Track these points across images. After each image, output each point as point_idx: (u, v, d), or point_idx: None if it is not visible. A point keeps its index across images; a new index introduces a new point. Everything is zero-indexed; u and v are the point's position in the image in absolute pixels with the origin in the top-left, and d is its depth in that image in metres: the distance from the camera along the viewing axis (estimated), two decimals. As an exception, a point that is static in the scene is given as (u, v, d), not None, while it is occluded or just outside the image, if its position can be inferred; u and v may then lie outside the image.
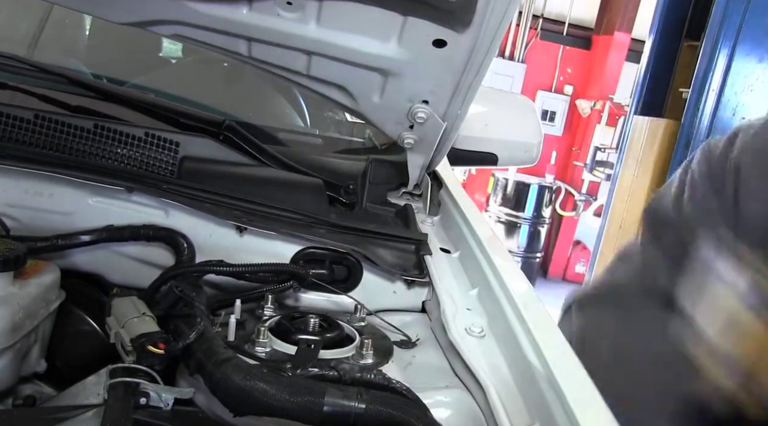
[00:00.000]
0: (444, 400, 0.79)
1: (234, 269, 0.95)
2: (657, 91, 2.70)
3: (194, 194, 1.08)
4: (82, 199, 1.05)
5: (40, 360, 0.92)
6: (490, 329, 0.90)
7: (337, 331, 0.89)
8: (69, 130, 1.19)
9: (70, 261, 1.02)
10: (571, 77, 7.18)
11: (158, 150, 1.23)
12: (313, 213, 1.12)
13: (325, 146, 1.75)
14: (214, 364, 0.72)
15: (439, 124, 1.26)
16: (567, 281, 6.93)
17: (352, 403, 0.67)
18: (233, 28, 1.16)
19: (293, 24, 1.12)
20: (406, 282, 1.06)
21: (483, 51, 1.10)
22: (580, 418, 0.64)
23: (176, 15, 1.16)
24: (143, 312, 0.81)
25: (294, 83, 1.29)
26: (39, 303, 0.88)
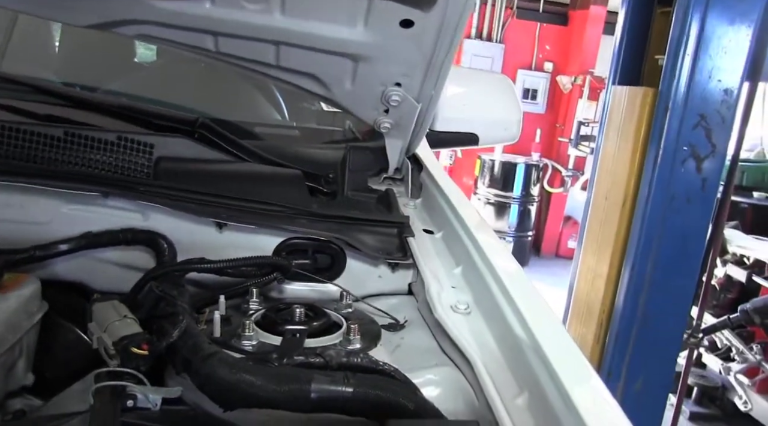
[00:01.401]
0: (433, 378, 0.79)
1: (215, 266, 0.94)
2: (633, 61, 2.70)
3: (172, 194, 1.07)
4: (57, 208, 1.03)
5: (27, 373, 0.91)
6: (476, 305, 0.90)
7: (324, 319, 0.88)
8: (39, 139, 1.17)
9: (51, 271, 1.01)
10: (550, 54, 7.18)
11: (132, 153, 1.21)
12: (294, 204, 1.12)
13: (303, 138, 1.74)
14: (199, 360, 0.71)
15: (414, 106, 1.25)
16: (560, 257, 6.96)
17: (339, 388, 0.67)
18: (198, 24, 1.15)
19: (258, 15, 1.11)
20: (391, 265, 1.06)
21: (451, 28, 1.09)
22: (567, 384, 0.64)
23: (139, 14, 1.14)
24: (124, 315, 0.80)
25: (265, 76, 1.28)
26: (20, 316, 0.87)
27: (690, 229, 2.50)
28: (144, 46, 2.59)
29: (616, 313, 2.66)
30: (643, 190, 2.52)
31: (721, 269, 3.80)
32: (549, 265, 6.78)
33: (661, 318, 2.58)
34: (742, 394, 3.52)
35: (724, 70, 2.32)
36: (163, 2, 1.10)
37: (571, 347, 0.74)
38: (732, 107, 2.37)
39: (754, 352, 3.51)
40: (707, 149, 2.40)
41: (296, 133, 1.80)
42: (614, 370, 2.66)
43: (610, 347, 2.68)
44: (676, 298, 2.58)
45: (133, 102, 1.54)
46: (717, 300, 3.83)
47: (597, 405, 0.64)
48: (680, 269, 2.54)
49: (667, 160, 2.41)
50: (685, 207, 2.45)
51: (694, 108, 2.36)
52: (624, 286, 2.60)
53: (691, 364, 3.03)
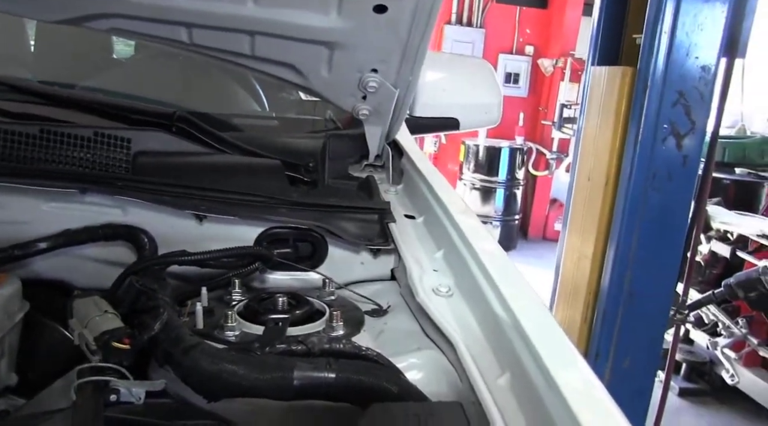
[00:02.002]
0: (416, 362, 0.79)
1: (196, 258, 0.94)
2: (612, 40, 2.71)
3: (150, 188, 1.06)
4: (35, 206, 1.02)
5: (10, 373, 0.91)
6: (458, 288, 0.90)
7: (306, 307, 0.88)
8: (14, 137, 1.16)
9: (31, 270, 1.00)
10: (530, 38, 7.18)
11: (110, 148, 1.20)
12: (274, 194, 1.11)
13: (283, 128, 1.74)
14: (181, 352, 0.71)
15: (391, 92, 1.25)
16: (547, 240, 7.00)
17: (322, 374, 0.67)
18: (171, 16, 1.13)
19: (231, 5, 1.10)
20: (372, 252, 1.06)
21: (425, 12, 1.09)
22: (548, 364, 0.64)
23: (110, 8, 1.13)
24: (105, 310, 0.80)
25: (242, 66, 1.27)
26: (1, 315, 0.86)
27: (672, 206, 2.52)
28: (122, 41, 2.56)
29: (602, 293, 2.68)
30: (624, 170, 2.54)
31: (706, 246, 3.85)
32: (536, 247, 6.82)
33: (646, 296, 2.61)
34: (729, 368, 3.57)
35: (700, 46, 2.34)
36: (133, -6, 1.09)
37: (552, 327, 0.74)
38: (710, 83, 2.39)
39: (739, 326, 3.56)
40: (687, 126, 2.42)
41: (276, 123, 1.79)
42: (602, 350, 2.69)
43: (598, 327, 2.71)
44: (661, 275, 2.61)
45: (109, 97, 1.53)
46: (702, 276, 3.88)
47: (578, 383, 0.65)
48: (664, 247, 2.57)
49: (647, 138, 2.42)
50: (667, 184, 2.47)
51: (672, 85, 2.37)
52: (609, 266, 2.63)
53: (678, 340, 3.07)
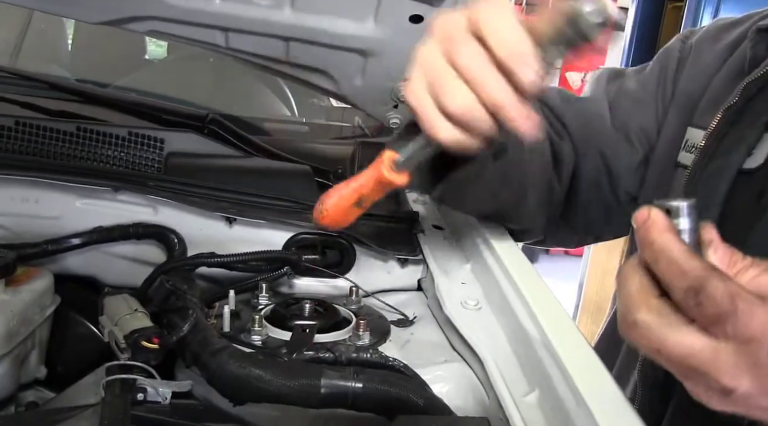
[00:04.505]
0: (443, 374, 0.79)
1: (225, 260, 0.95)
2: (644, 56, 2.68)
3: (181, 189, 1.08)
4: (69, 203, 1.04)
5: (40, 366, 0.92)
6: (486, 301, 0.89)
7: (333, 314, 0.88)
8: (52, 134, 1.18)
9: (63, 265, 1.02)
10: (559, 50, 7.14)
11: (143, 148, 1.22)
12: (303, 199, 1.12)
13: (313, 134, 1.75)
14: (208, 354, 0.71)
15: (423, 102, 1.25)
16: (569, 255, 6.93)
17: (349, 383, 0.67)
18: (208, 20, 1.15)
19: (268, 10, 1.11)
20: (400, 261, 1.06)
21: (461, 23, 1.09)
22: (578, 382, 0.63)
23: (150, 11, 1.15)
24: (135, 308, 0.81)
25: (275, 71, 1.28)
26: (33, 309, 0.87)
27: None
28: (155, 42, 2.61)
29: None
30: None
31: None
32: (558, 262, 6.75)
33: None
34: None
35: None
36: (173, -2, 1.11)
37: (582, 344, 0.73)
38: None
39: None
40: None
41: (305, 128, 1.81)
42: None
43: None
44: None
45: (143, 98, 1.55)
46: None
47: (608, 403, 0.64)
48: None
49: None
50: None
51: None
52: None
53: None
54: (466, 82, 0.61)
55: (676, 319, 0.50)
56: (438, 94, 0.62)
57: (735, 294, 0.48)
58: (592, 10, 0.57)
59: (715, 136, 0.87)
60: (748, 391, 0.49)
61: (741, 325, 0.47)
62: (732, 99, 0.86)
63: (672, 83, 1.02)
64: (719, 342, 0.48)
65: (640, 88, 1.05)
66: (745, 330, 0.47)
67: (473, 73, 0.61)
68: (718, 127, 0.87)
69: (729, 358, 0.48)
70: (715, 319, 0.48)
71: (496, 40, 0.60)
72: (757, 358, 0.47)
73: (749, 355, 0.48)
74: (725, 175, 0.85)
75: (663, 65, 1.04)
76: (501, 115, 0.62)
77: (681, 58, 1.03)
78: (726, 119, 0.86)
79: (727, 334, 0.48)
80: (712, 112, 0.89)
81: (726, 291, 0.48)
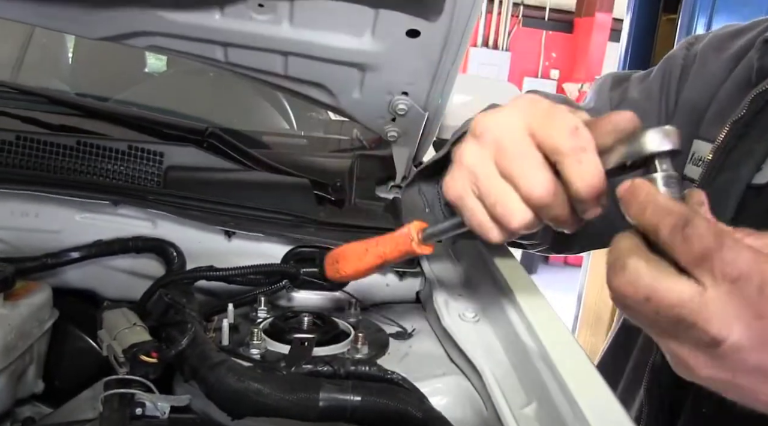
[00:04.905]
0: (441, 387, 0.79)
1: (224, 274, 0.95)
2: (639, 67, 2.70)
3: (181, 203, 1.08)
4: (69, 216, 1.05)
5: (37, 380, 0.92)
6: (484, 314, 0.90)
7: (332, 327, 0.89)
8: (52, 148, 1.19)
9: (62, 279, 1.02)
10: (556, 62, 7.20)
11: (143, 162, 1.23)
12: (302, 212, 1.12)
13: (311, 147, 1.76)
14: (207, 368, 0.71)
15: (420, 115, 1.26)
16: (569, 265, 6.94)
17: (347, 396, 0.67)
18: (208, 35, 1.16)
19: (266, 25, 1.12)
20: (398, 274, 1.06)
21: (457, 37, 1.10)
22: (575, 393, 0.64)
23: (150, 26, 1.16)
24: (134, 322, 0.81)
25: (274, 85, 1.29)
26: (31, 323, 0.88)
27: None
28: (154, 56, 2.63)
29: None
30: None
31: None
32: (557, 272, 6.76)
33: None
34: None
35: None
36: (173, 14, 1.12)
37: (580, 356, 0.73)
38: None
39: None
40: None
41: (304, 141, 1.81)
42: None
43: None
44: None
45: (143, 111, 1.56)
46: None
47: (605, 414, 0.64)
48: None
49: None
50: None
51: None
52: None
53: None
54: (518, 190, 0.60)
55: (666, 266, 0.49)
56: (491, 204, 0.62)
57: (721, 231, 0.47)
58: (660, 139, 0.55)
59: (723, 149, 0.84)
60: (738, 342, 0.46)
61: (728, 262, 0.46)
62: (740, 112, 0.84)
63: (675, 93, 0.99)
64: (708, 289, 0.47)
65: (643, 97, 1.03)
66: (731, 268, 0.46)
67: (528, 184, 0.59)
68: (725, 141, 0.84)
69: (717, 305, 0.46)
70: (702, 256, 0.47)
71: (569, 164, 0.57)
72: (746, 299, 0.46)
73: (738, 297, 0.46)
74: (734, 190, 0.82)
75: (666, 73, 1.02)
76: (552, 221, 0.62)
77: (685, 65, 1.00)
78: (734, 132, 0.84)
79: (714, 275, 0.46)
80: (719, 125, 0.86)
81: (712, 227, 0.48)
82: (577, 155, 0.57)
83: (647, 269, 0.49)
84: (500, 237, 0.64)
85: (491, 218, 0.63)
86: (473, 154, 0.62)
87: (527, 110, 0.61)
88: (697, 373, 0.50)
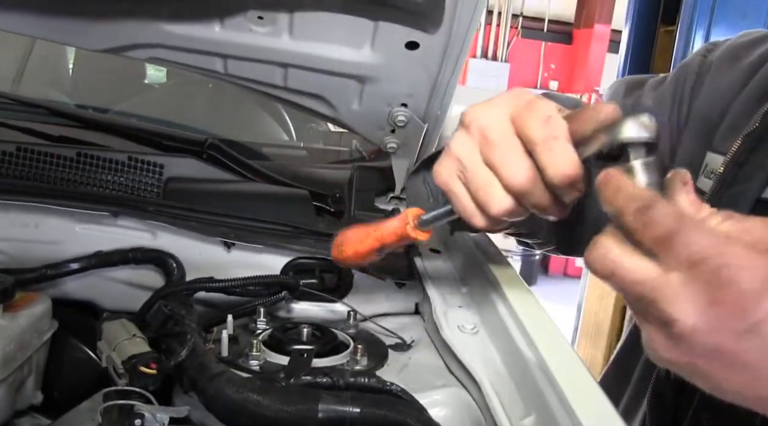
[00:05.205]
0: (440, 398, 0.79)
1: (223, 285, 0.95)
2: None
3: (180, 214, 1.09)
4: (69, 228, 1.05)
5: (36, 392, 0.92)
6: (483, 325, 0.90)
7: (331, 338, 0.89)
8: (52, 160, 1.20)
9: (61, 290, 1.02)
10: (555, 73, 7.23)
11: (143, 173, 1.23)
12: (301, 223, 1.13)
13: (311, 158, 1.76)
14: (206, 379, 0.72)
15: (420, 126, 1.27)
16: (568, 276, 6.93)
17: (346, 408, 0.67)
18: (208, 47, 1.17)
19: (266, 38, 1.13)
20: (397, 285, 1.07)
21: (456, 49, 1.11)
22: (574, 405, 0.64)
23: (150, 38, 1.17)
24: (134, 333, 0.81)
25: (273, 97, 1.30)
26: (31, 334, 0.87)
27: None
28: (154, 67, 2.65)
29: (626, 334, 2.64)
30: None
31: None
32: (557, 284, 6.75)
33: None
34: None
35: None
36: (173, 26, 1.13)
37: (579, 368, 0.73)
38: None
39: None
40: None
41: (303, 153, 1.82)
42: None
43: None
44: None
45: (143, 123, 1.57)
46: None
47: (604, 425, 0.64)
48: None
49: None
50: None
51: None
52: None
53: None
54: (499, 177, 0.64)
55: (633, 249, 0.51)
56: (474, 190, 0.66)
57: (682, 215, 0.49)
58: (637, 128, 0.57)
59: (734, 162, 0.83)
60: (693, 325, 0.47)
61: (687, 245, 0.47)
62: (752, 124, 0.82)
63: (687, 103, 0.98)
64: (669, 271, 0.48)
65: (656, 105, 1.01)
66: (690, 251, 0.47)
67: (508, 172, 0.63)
68: (737, 154, 0.83)
69: (676, 286, 0.47)
70: (663, 239, 0.48)
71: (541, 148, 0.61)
72: (703, 282, 0.46)
73: (695, 280, 0.46)
74: (743, 204, 0.81)
75: (680, 82, 1.00)
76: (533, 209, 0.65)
77: (699, 73, 0.98)
78: (746, 145, 0.82)
79: (675, 257, 0.47)
80: (732, 137, 0.85)
81: (673, 211, 0.49)
82: (548, 143, 0.60)
83: (615, 247, 0.52)
84: (484, 223, 0.67)
85: (475, 204, 0.66)
86: (461, 143, 0.66)
87: (511, 102, 0.65)
88: (660, 354, 0.51)
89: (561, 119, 0.61)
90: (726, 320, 0.46)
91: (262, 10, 1.09)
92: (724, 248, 0.46)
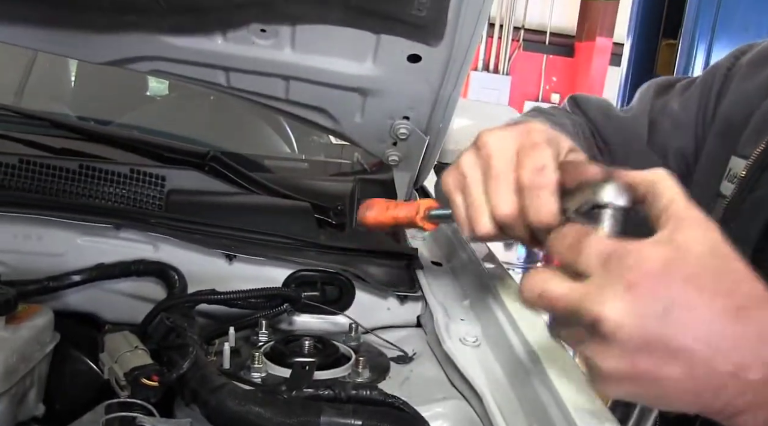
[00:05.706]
0: (442, 411, 0.79)
1: (225, 297, 0.95)
2: (638, 92, 2.73)
3: (182, 226, 1.09)
4: (71, 240, 1.05)
5: (38, 404, 0.92)
6: (485, 338, 0.90)
7: (333, 351, 0.89)
8: (54, 172, 1.20)
9: (63, 302, 1.02)
10: (556, 85, 7.26)
11: (145, 185, 1.24)
12: (303, 236, 1.13)
13: (312, 170, 1.77)
14: (208, 391, 0.71)
15: (422, 139, 1.27)
16: (570, 288, 6.92)
17: (348, 421, 0.67)
18: (210, 59, 1.18)
19: (269, 50, 1.14)
20: (399, 298, 1.07)
21: (458, 62, 1.12)
22: (575, 417, 0.64)
23: (153, 51, 1.18)
24: (136, 346, 0.81)
25: (275, 110, 1.31)
26: (33, 346, 0.87)
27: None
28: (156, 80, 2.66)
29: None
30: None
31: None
32: (559, 295, 6.74)
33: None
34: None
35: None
36: (176, 39, 1.14)
37: (580, 380, 0.73)
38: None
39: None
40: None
41: (305, 165, 1.83)
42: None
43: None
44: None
45: (145, 135, 1.58)
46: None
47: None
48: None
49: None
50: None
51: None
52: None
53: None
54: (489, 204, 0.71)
55: (560, 275, 0.56)
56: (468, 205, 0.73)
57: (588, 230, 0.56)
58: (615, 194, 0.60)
59: (757, 167, 0.83)
60: (618, 319, 0.49)
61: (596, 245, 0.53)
62: None
63: (714, 106, 0.98)
64: (588, 279, 0.53)
65: (682, 109, 1.02)
66: (595, 250, 0.53)
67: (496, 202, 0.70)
68: (759, 158, 0.83)
69: (595, 286, 0.52)
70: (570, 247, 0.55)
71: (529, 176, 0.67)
72: (617, 276, 0.51)
73: (610, 275, 0.51)
74: (763, 208, 0.82)
75: (707, 85, 1.01)
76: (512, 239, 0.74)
77: (728, 76, 0.98)
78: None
79: (588, 263, 0.53)
80: (756, 142, 0.86)
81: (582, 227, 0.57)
82: (535, 191, 0.66)
83: (543, 274, 0.57)
84: (471, 236, 0.74)
85: (466, 218, 0.73)
86: (469, 162, 0.73)
87: (521, 139, 0.70)
88: (601, 367, 0.52)
89: (553, 172, 0.66)
90: (644, 305, 0.49)
91: (265, 23, 1.10)
92: (627, 245, 0.52)
